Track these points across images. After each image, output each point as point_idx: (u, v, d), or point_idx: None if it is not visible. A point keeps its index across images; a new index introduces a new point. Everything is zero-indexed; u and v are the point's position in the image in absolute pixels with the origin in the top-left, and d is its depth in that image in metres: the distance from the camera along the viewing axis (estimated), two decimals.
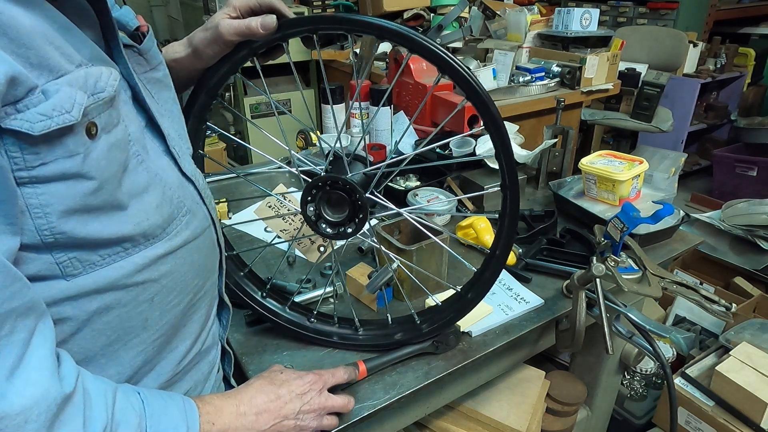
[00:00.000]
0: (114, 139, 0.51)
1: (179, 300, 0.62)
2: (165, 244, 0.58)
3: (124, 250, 0.54)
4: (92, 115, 0.49)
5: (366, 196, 0.72)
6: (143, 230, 0.55)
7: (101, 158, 0.50)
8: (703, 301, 0.89)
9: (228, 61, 0.71)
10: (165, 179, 0.60)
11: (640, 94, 2.84)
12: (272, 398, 0.67)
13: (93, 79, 0.49)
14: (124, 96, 0.56)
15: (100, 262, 0.53)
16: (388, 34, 0.62)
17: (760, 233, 2.08)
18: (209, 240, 0.68)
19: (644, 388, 1.66)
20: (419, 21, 2.76)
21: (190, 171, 0.65)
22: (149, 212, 0.56)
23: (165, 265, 0.59)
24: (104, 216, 0.52)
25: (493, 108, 0.64)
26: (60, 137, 0.46)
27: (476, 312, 0.84)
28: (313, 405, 0.69)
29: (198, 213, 0.65)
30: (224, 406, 0.63)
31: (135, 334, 0.58)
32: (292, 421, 0.67)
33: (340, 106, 1.55)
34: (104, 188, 0.50)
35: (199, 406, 0.60)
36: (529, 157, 1.40)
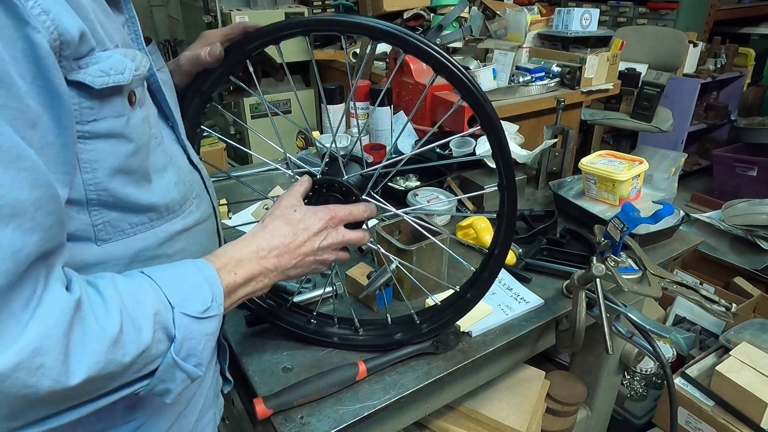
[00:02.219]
0: (144, 114, 0.56)
1: None
2: (181, 221, 0.63)
3: (149, 221, 0.58)
4: (133, 85, 0.53)
5: (363, 198, 0.71)
6: (166, 202, 0.60)
7: (138, 125, 0.54)
8: (703, 301, 0.89)
9: (221, 65, 0.71)
10: (178, 164, 0.65)
11: (640, 94, 2.84)
12: (290, 238, 0.67)
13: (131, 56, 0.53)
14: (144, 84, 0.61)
15: (128, 230, 0.57)
16: (380, 34, 0.61)
17: (760, 233, 2.08)
18: (213, 227, 0.72)
19: (644, 388, 1.65)
20: (419, 21, 2.76)
21: (196, 161, 0.70)
22: (169, 188, 0.61)
23: (179, 242, 0.63)
24: (137, 183, 0.56)
25: (489, 108, 0.63)
26: (111, 96, 0.50)
27: (476, 312, 0.84)
28: (330, 240, 0.69)
29: (204, 199, 0.69)
30: (242, 255, 0.63)
31: None
32: (312, 257, 0.68)
33: (340, 106, 1.55)
34: (139, 153, 0.55)
35: (213, 261, 0.60)
36: (529, 157, 1.40)
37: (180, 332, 0.53)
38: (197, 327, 0.54)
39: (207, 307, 0.55)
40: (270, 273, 0.65)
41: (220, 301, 0.57)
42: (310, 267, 0.69)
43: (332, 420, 0.72)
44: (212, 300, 0.56)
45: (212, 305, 0.56)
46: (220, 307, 0.57)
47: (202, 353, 0.56)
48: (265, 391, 0.76)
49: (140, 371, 0.51)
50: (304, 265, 0.68)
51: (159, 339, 0.51)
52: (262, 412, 0.71)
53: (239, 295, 0.63)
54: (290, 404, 0.73)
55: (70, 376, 0.44)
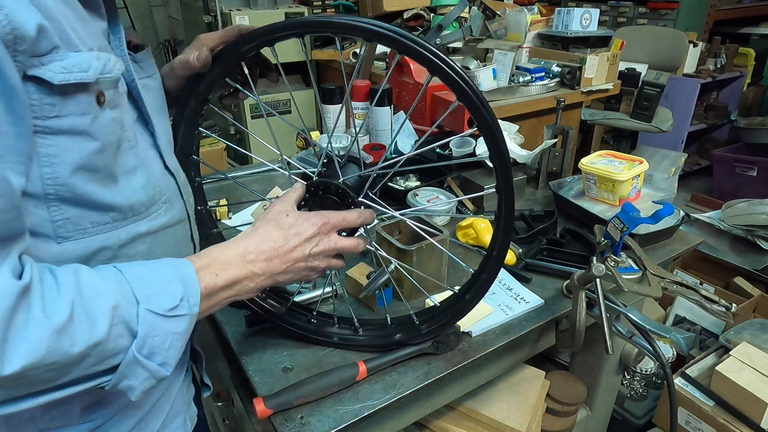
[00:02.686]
0: (115, 116, 0.56)
1: None
2: (146, 223, 0.62)
3: (112, 221, 0.58)
4: (102, 86, 0.54)
5: (359, 199, 0.71)
6: (131, 203, 0.59)
7: (106, 125, 0.54)
8: (703, 301, 0.89)
9: (217, 66, 0.71)
10: (150, 167, 0.64)
11: (640, 94, 2.84)
12: (281, 243, 0.66)
13: (104, 60, 0.54)
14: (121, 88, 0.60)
15: (89, 229, 0.56)
16: (374, 35, 0.60)
17: (760, 233, 2.08)
18: (184, 233, 0.72)
19: (644, 388, 1.65)
20: (419, 21, 2.76)
21: (173, 167, 0.70)
22: (136, 189, 0.60)
23: (144, 245, 0.62)
24: (101, 182, 0.56)
25: (486, 110, 0.62)
26: (75, 94, 0.51)
27: (476, 312, 0.84)
28: (322, 247, 0.68)
29: (176, 204, 0.69)
30: (227, 257, 0.62)
31: None
32: (303, 263, 0.67)
33: (339, 106, 1.54)
34: (105, 152, 0.55)
35: (194, 261, 0.60)
36: (529, 157, 1.40)
37: (143, 328, 0.52)
38: (163, 325, 0.53)
39: (175, 305, 0.54)
40: (257, 277, 0.64)
41: (193, 302, 0.56)
42: (300, 273, 0.68)
43: (332, 420, 0.72)
44: (182, 299, 0.55)
45: (182, 304, 0.55)
46: (193, 307, 0.56)
47: (168, 352, 0.54)
48: (265, 391, 0.76)
49: (98, 365, 0.50)
50: (294, 270, 0.67)
51: (119, 333, 0.50)
52: (262, 412, 0.71)
53: (220, 298, 0.61)
54: (290, 404, 0.73)
55: (5, 362, 0.44)
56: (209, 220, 0.83)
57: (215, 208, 1.24)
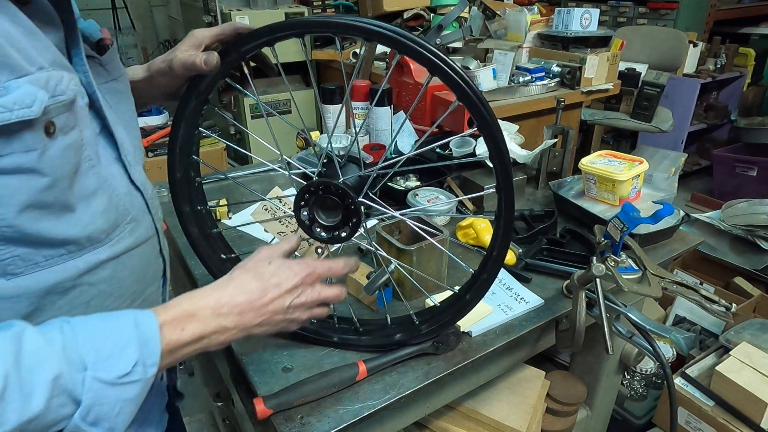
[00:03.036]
0: (70, 141, 0.52)
1: (116, 305, 0.62)
2: (108, 249, 0.59)
3: (68, 253, 0.55)
4: (52, 114, 0.50)
5: (359, 200, 0.71)
6: (88, 234, 0.56)
7: (56, 157, 0.51)
8: (703, 301, 0.89)
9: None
10: (114, 186, 0.61)
11: (640, 94, 2.84)
12: (258, 295, 0.62)
13: (54, 81, 0.50)
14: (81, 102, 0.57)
15: (42, 263, 0.53)
16: (374, 35, 0.60)
17: (760, 233, 2.08)
18: (152, 249, 0.69)
19: (644, 388, 1.65)
20: (419, 21, 2.76)
21: (140, 181, 0.66)
22: (95, 216, 0.57)
23: (105, 271, 0.60)
24: (54, 215, 0.52)
25: (486, 110, 0.62)
26: (19, 131, 0.47)
27: (476, 312, 0.84)
28: (304, 299, 0.65)
29: (143, 222, 0.66)
30: (197, 309, 0.59)
31: None
32: (281, 315, 0.64)
33: (339, 106, 1.54)
34: (56, 186, 0.51)
35: (160, 314, 0.56)
36: (529, 157, 1.40)
37: (88, 397, 0.48)
38: (112, 392, 0.49)
39: (127, 371, 0.50)
40: (228, 331, 0.60)
41: (151, 362, 0.52)
42: (278, 326, 0.65)
43: (332, 420, 0.72)
44: (137, 363, 0.51)
45: (135, 369, 0.50)
46: (150, 368, 0.52)
47: (117, 418, 0.50)
48: (265, 391, 0.76)
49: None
50: (270, 323, 0.64)
51: (60, 403, 0.47)
52: (262, 412, 0.71)
53: (185, 353, 0.57)
54: (290, 404, 0.73)
55: None
56: (209, 220, 0.83)
57: (215, 208, 1.24)
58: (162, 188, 1.34)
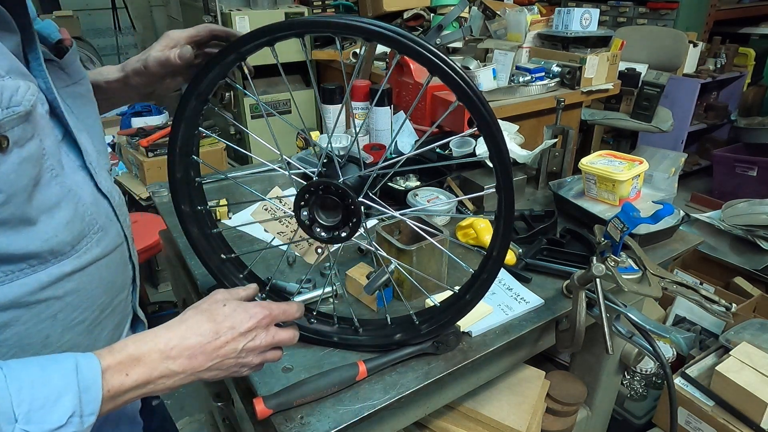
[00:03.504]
0: (26, 154, 0.51)
1: (84, 317, 0.61)
2: (73, 261, 0.58)
3: (30, 267, 0.54)
4: (5, 128, 0.48)
5: (359, 200, 0.71)
6: (51, 247, 0.54)
7: (10, 172, 0.49)
8: (703, 301, 0.89)
9: (216, 65, 0.71)
10: (79, 195, 0.59)
11: (640, 94, 2.84)
12: (210, 338, 0.60)
13: (9, 93, 0.48)
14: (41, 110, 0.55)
15: (2, 278, 0.52)
16: (373, 35, 0.60)
17: (760, 233, 2.08)
18: (121, 257, 0.67)
19: (644, 388, 1.66)
20: (419, 21, 2.76)
21: (106, 188, 0.65)
22: (59, 229, 0.55)
23: (71, 283, 0.58)
24: (11, 231, 0.51)
25: (486, 110, 0.62)
26: None
27: (476, 312, 0.84)
28: (258, 342, 0.63)
29: (110, 230, 0.64)
30: (144, 352, 0.55)
31: (35, 353, 0.57)
32: (233, 359, 0.62)
33: (339, 106, 1.55)
34: (12, 202, 0.49)
35: (105, 358, 0.53)
36: (529, 157, 1.40)
37: None
38: None
39: (61, 424, 0.47)
40: (176, 375, 0.57)
41: (89, 411, 0.49)
42: (229, 370, 0.62)
43: (332, 420, 0.72)
44: (72, 414, 0.48)
45: (71, 421, 0.47)
46: (89, 418, 0.49)
47: None
48: (265, 391, 0.76)
49: None
50: (221, 367, 0.61)
51: None
52: (262, 411, 0.71)
53: (128, 398, 0.54)
54: (290, 404, 0.73)
55: None
56: (209, 220, 0.83)
57: (215, 208, 1.24)
58: (162, 188, 1.34)
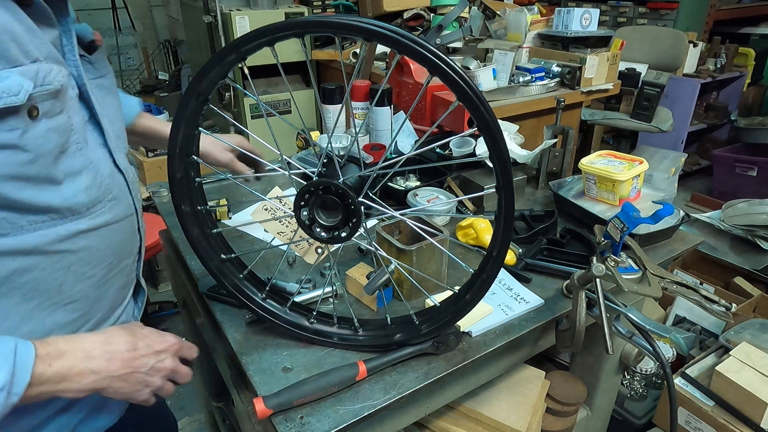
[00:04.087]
0: (54, 125, 0.61)
1: (94, 272, 0.72)
2: (87, 221, 0.68)
3: (51, 220, 0.64)
4: (36, 101, 0.59)
5: (359, 200, 0.71)
6: (70, 205, 0.65)
7: (38, 137, 0.59)
8: (703, 301, 0.89)
9: (216, 65, 0.71)
10: (99, 167, 0.70)
11: (640, 94, 2.84)
12: (129, 348, 0.68)
13: (44, 73, 0.59)
14: (71, 92, 0.66)
15: (27, 227, 0.62)
16: (373, 35, 0.60)
17: (760, 233, 2.09)
18: (130, 226, 0.78)
19: (644, 388, 1.66)
20: (419, 21, 2.76)
21: (122, 165, 0.76)
22: (78, 191, 0.66)
23: (85, 240, 0.68)
24: (38, 187, 0.61)
25: (486, 110, 0.62)
26: (6, 116, 0.56)
27: (476, 312, 0.84)
28: (165, 365, 0.72)
29: (123, 201, 0.75)
30: (69, 347, 0.63)
31: (49, 297, 0.67)
32: (142, 374, 0.69)
33: (339, 106, 1.55)
34: (38, 162, 0.60)
35: (38, 347, 0.60)
36: (529, 157, 1.40)
37: None
38: None
39: None
40: (91, 375, 0.64)
41: (17, 391, 0.56)
42: (134, 386, 0.69)
43: (332, 420, 0.72)
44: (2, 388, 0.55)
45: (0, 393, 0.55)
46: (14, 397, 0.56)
47: None
48: (265, 391, 0.76)
49: None
50: (130, 380, 0.68)
51: None
52: (262, 411, 0.71)
53: (43, 390, 0.60)
54: (290, 404, 0.73)
55: None
56: (209, 220, 0.83)
57: (215, 208, 1.24)
58: (162, 188, 1.34)
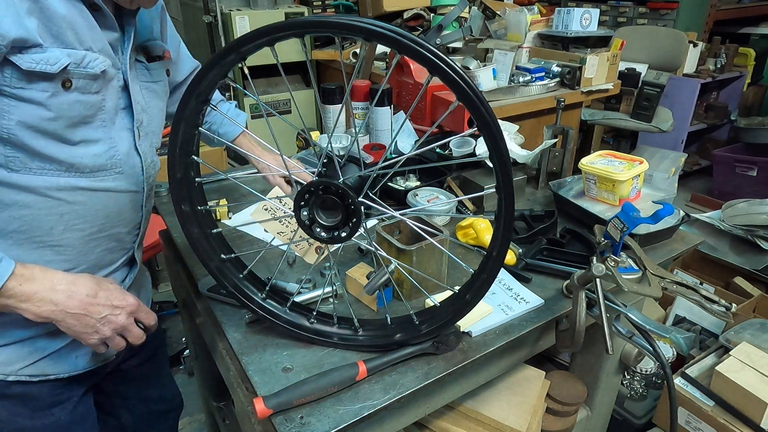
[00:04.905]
0: (84, 99, 0.74)
1: (84, 227, 0.81)
2: (88, 181, 0.79)
3: (55, 170, 0.76)
4: (73, 76, 0.72)
5: (359, 200, 0.71)
6: (74, 163, 0.77)
7: (64, 103, 0.72)
8: (703, 301, 0.89)
9: (217, 65, 0.71)
10: (117, 144, 0.82)
11: (640, 94, 2.84)
12: (90, 293, 0.77)
13: (88, 59, 0.73)
14: (115, 83, 0.79)
15: (34, 169, 0.74)
16: (373, 35, 0.60)
17: (760, 233, 2.08)
18: (131, 201, 0.88)
19: (644, 388, 1.65)
20: (419, 21, 2.76)
21: (143, 150, 0.86)
22: (86, 155, 0.78)
23: (81, 196, 0.79)
24: (52, 140, 0.74)
25: (485, 110, 0.62)
26: (39, 78, 0.69)
27: (476, 312, 0.84)
28: (118, 320, 0.81)
29: (132, 178, 0.86)
30: (41, 276, 0.74)
31: (38, 234, 0.78)
32: (94, 320, 0.78)
33: (339, 106, 1.55)
34: (58, 121, 0.73)
35: (17, 267, 0.72)
36: (529, 157, 1.40)
37: None
38: None
39: None
40: (50, 304, 0.74)
41: None
42: (85, 329, 0.78)
43: (332, 420, 0.72)
44: None
45: None
46: None
47: None
48: (265, 390, 0.76)
49: None
50: (82, 321, 0.77)
51: None
52: (262, 411, 0.71)
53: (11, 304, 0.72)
54: (290, 404, 0.73)
55: None
56: (209, 220, 0.83)
57: (215, 208, 1.24)
58: (162, 188, 1.34)
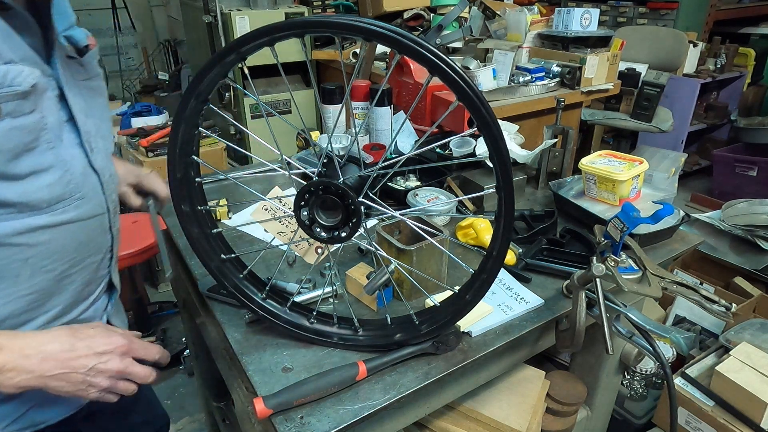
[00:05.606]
0: (18, 124, 0.63)
1: (53, 267, 0.72)
2: (47, 217, 0.69)
3: (7, 214, 0.65)
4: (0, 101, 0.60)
5: (359, 200, 0.71)
6: (28, 201, 0.66)
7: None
8: (703, 301, 0.89)
9: (217, 65, 0.71)
10: (70, 165, 0.71)
11: (640, 94, 2.84)
12: (66, 348, 0.68)
13: (12, 75, 0.61)
14: (50, 93, 0.68)
15: None
16: (373, 35, 0.60)
17: (760, 233, 2.09)
18: (99, 225, 0.78)
19: (644, 388, 1.66)
20: (419, 21, 2.76)
21: (99, 165, 0.76)
22: (41, 188, 0.67)
23: (44, 235, 0.69)
24: None
25: (486, 110, 0.62)
26: None
27: (476, 312, 0.84)
28: (110, 366, 0.70)
29: (93, 200, 0.76)
30: (8, 344, 0.65)
31: (5, 286, 0.69)
32: (81, 375, 0.68)
33: (339, 106, 1.54)
34: None
35: None
36: (529, 157, 1.40)
37: None
38: None
39: None
40: (26, 373, 0.65)
41: None
42: (76, 386, 0.69)
43: (332, 420, 0.72)
44: None
45: None
46: None
47: None
48: (265, 391, 0.76)
49: None
50: (69, 380, 0.68)
51: None
52: (262, 411, 0.71)
53: None
54: (290, 404, 0.73)
55: None
56: (209, 220, 0.83)
57: (215, 208, 1.24)
58: None
